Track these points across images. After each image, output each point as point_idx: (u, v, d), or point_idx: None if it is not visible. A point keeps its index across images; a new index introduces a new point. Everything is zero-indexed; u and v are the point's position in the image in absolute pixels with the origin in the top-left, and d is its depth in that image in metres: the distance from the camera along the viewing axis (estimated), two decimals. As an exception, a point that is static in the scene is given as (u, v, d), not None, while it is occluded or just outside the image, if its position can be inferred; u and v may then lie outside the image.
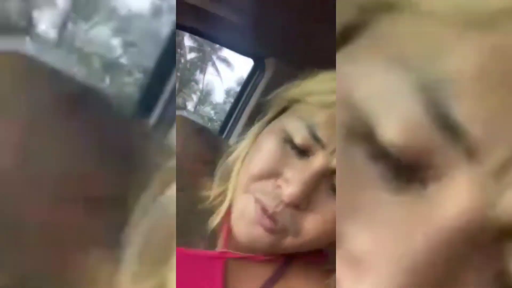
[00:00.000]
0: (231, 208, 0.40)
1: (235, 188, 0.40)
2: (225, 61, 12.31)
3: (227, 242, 0.42)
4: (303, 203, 0.34)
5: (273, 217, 0.35)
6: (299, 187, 0.33)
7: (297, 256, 0.41)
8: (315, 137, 0.35)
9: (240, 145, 0.43)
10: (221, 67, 12.35)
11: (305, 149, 0.35)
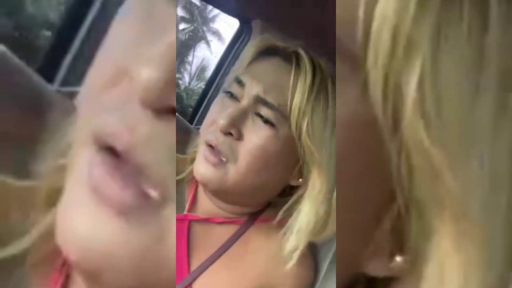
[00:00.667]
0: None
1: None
2: (216, 34, 12.00)
3: (191, 206, 0.50)
4: (235, 132, 0.44)
5: (216, 149, 0.44)
6: (227, 119, 0.43)
7: (258, 219, 0.49)
8: (240, 83, 0.46)
9: None
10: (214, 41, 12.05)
11: (236, 96, 0.46)
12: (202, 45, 12.24)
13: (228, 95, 0.47)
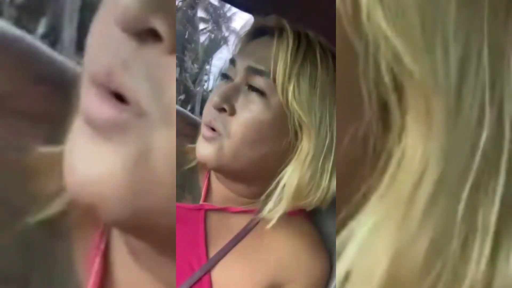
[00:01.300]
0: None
1: None
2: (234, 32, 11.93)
3: (206, 194, 0.52)
4: (228, 108, 0.45)
5: (211, 125, 0.46)
6: (219, 95, 0.45)
7: None
8: (233, 62, 0.48)
9: None
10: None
11: (230, 76, 0.48)
12: (223, 50, 12.19)
13: (224, 78, 0.49)
